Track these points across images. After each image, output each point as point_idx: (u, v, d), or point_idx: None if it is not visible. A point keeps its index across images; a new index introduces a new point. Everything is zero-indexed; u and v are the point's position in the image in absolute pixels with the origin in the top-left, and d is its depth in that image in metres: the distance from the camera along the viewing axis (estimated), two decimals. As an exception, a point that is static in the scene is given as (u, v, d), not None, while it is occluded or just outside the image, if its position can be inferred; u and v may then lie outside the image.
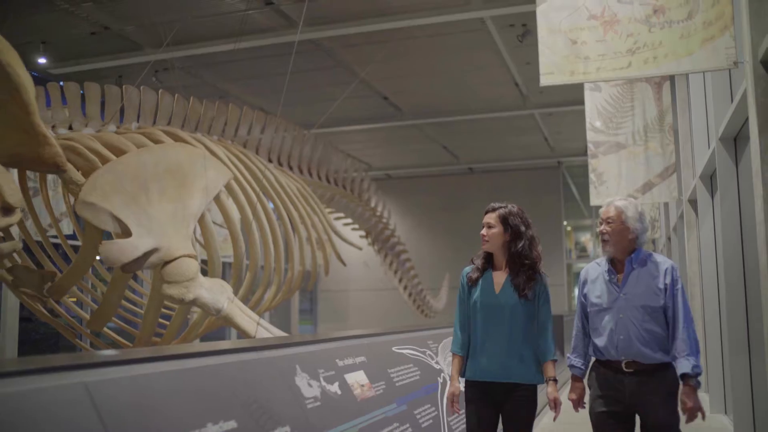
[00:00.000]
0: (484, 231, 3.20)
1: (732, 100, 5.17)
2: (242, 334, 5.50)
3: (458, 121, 15.66)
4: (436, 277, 16.12)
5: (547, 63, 4.14)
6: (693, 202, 8.36)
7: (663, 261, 3.16)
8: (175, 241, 5.24)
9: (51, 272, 5.44)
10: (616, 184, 8.81)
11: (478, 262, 3.25)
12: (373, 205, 11.41)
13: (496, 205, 3.23)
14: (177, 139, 5.93)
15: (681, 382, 3.01)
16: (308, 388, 2.66)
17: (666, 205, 11.92)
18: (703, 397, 7.99)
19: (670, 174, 8.73)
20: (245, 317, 5.52)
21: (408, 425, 3.33)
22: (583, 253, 30.65)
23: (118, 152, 5.25)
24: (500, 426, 3.15)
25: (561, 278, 21.15)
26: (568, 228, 26.37)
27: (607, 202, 3.25)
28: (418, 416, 3.52)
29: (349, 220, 11.23)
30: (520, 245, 3.15)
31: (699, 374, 2.97)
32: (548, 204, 20.86)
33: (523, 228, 3.18)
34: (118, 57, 11.17)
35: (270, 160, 8.15)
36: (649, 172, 8.80)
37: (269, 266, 6.71)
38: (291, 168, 8.68)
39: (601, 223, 3.21)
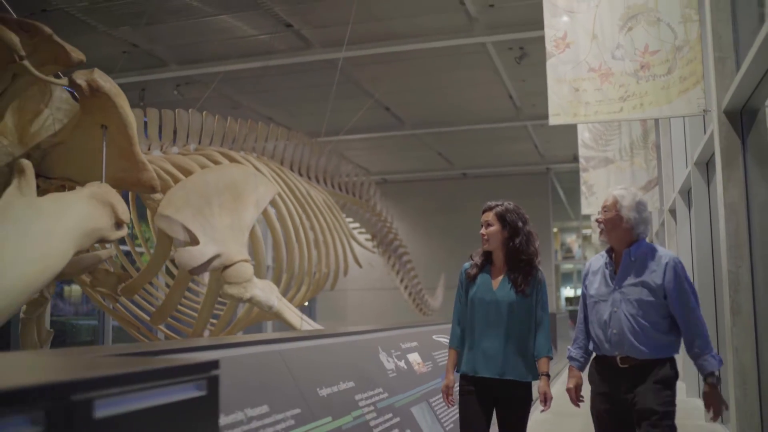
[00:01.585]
0: (483, 230, 3.19)
1: (705, 132, 6.16)
2: (289, 327, 6.40)
3: (455, 131, 16.63)
4: (430, 276, 16.95)
5: (554, 106, 5.07)
6: (673, 212, 9.37)
7: (664, 255, 3.03)
8: (233, 248, 6.13)
9: (125, 274, 6.32)
10: (604, 195, 9.80)
11: (477, 258, 3.25)
12: (378, 210, 12.34)
13: (493, 203, 3.23)
14: (230, 158, 6.83)
15: (704, 381, 2.93)
16: (387, 363, 3.59)
17: (650, 213, 12.94)
18: (679, 385, 9.00)
19: (653, 186, 9.75)
20: (291, 313, 6.43)
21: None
22: (568, 254, 31.71)
23: (185, 172, 6.14)
24: (494, 422, 3.18)
25: (549, 278, 22.18)
26: (555, 230, 27.40)
27: (609, 191, 3.21)
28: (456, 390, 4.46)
29: (357, 225, 12.14)
30: (518, 241, 3.14)
31: (718, 371, 2.89)
32: (537, 207, 21.85)
33: (520, 224, 3.17)
34: (145, 73, 12.01)
35: (292, 171, 9.06)
36: (634, 185, 9.79)
37: (303, 269, 7.63)
38: (309, 178, 9.59)
39: (600, 212, 3.16)
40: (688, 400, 7.84)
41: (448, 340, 5.22)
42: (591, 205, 9.89)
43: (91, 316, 14.46)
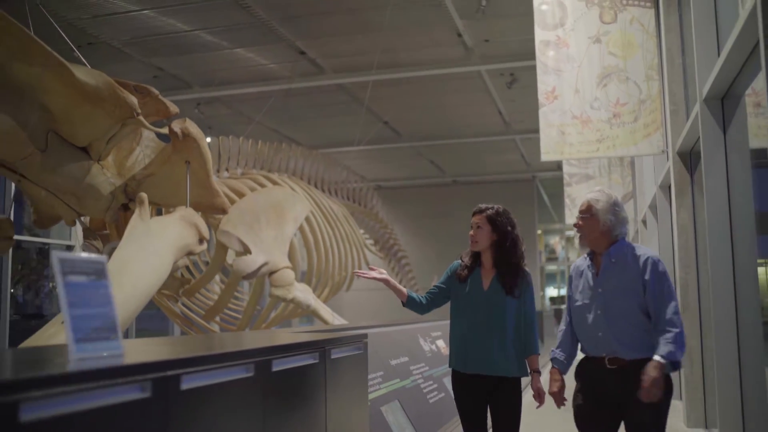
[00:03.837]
0: (472, 232, 3.28)
1: (668, 159, 7.49)
2: (323, 323, 7.64)
3: (448, 144, 17.94)
4: (420, 278, 18.09)
5: (545, 145, 6.36)
6: (644, 222, 10.71)
7: (643, 253, 3.00)
8: (278, 256, 7.35)
9: (187, 278, 7.52)
10: (585, 207, 11.13)
11: (467, 259, 3.33)
12: (380, 217, 13.60)
13: (484, 206, 3.33)
14: (272, 181, 8.06)
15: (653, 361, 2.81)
16: (424, 345, 4.86)
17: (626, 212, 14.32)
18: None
19: (628, 200, 11.09)
20: (325, 311, 7.67)
21: (466, 373, 5.54)
22: (552, 255, 33.06)
23: (239, 194, 7.36)
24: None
25: (534, 279, 23.48)
26: (539, 231, 28.68)
27: (584, 196, 3.23)
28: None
29: (362, 231, 13.36)
30: (507, 245, 3.24)
31: (673, 361, 2.81)
32: (523, 212, 23.10)
33: (509, 228, 3.27)
34: (170, 93, 13.18)
35: (310, 185, 10.28)
36: (611, 198, 11.15)
37: (327, 273, 8.88)
38: (324, 191, 10.82)
39: (577, 217, 3.17)
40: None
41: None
42: (574, 216, 11.18)
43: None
